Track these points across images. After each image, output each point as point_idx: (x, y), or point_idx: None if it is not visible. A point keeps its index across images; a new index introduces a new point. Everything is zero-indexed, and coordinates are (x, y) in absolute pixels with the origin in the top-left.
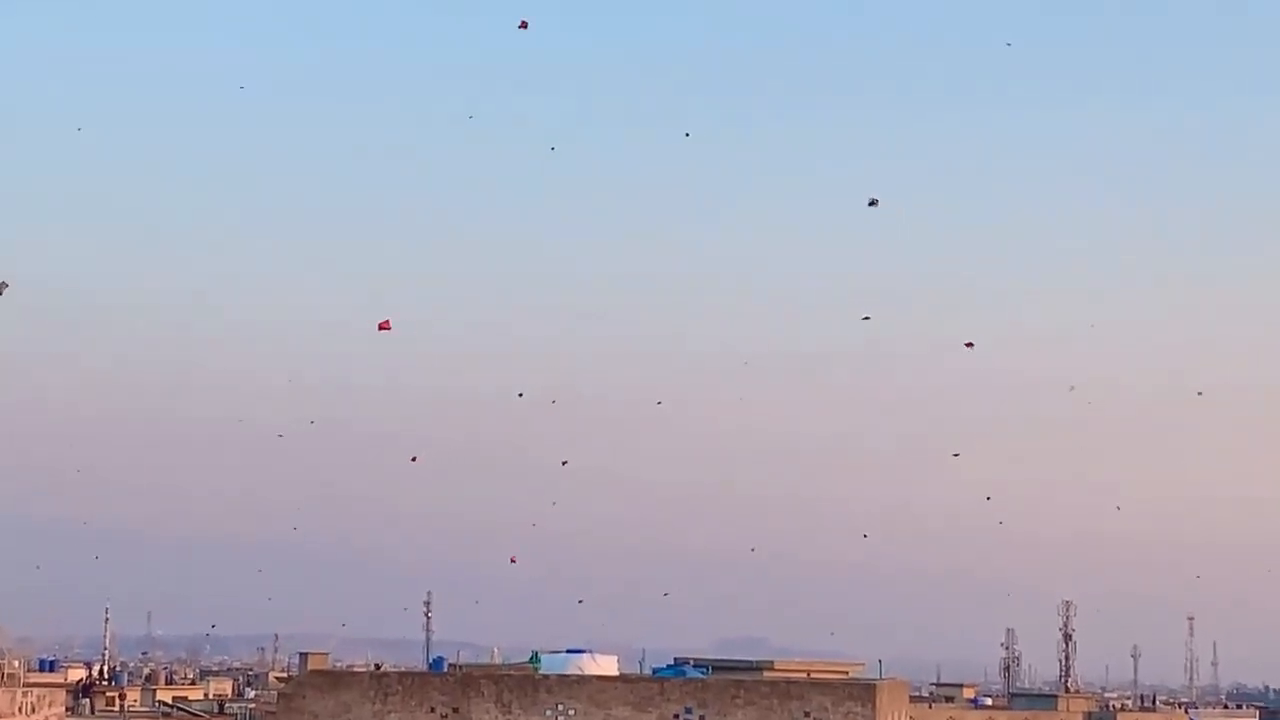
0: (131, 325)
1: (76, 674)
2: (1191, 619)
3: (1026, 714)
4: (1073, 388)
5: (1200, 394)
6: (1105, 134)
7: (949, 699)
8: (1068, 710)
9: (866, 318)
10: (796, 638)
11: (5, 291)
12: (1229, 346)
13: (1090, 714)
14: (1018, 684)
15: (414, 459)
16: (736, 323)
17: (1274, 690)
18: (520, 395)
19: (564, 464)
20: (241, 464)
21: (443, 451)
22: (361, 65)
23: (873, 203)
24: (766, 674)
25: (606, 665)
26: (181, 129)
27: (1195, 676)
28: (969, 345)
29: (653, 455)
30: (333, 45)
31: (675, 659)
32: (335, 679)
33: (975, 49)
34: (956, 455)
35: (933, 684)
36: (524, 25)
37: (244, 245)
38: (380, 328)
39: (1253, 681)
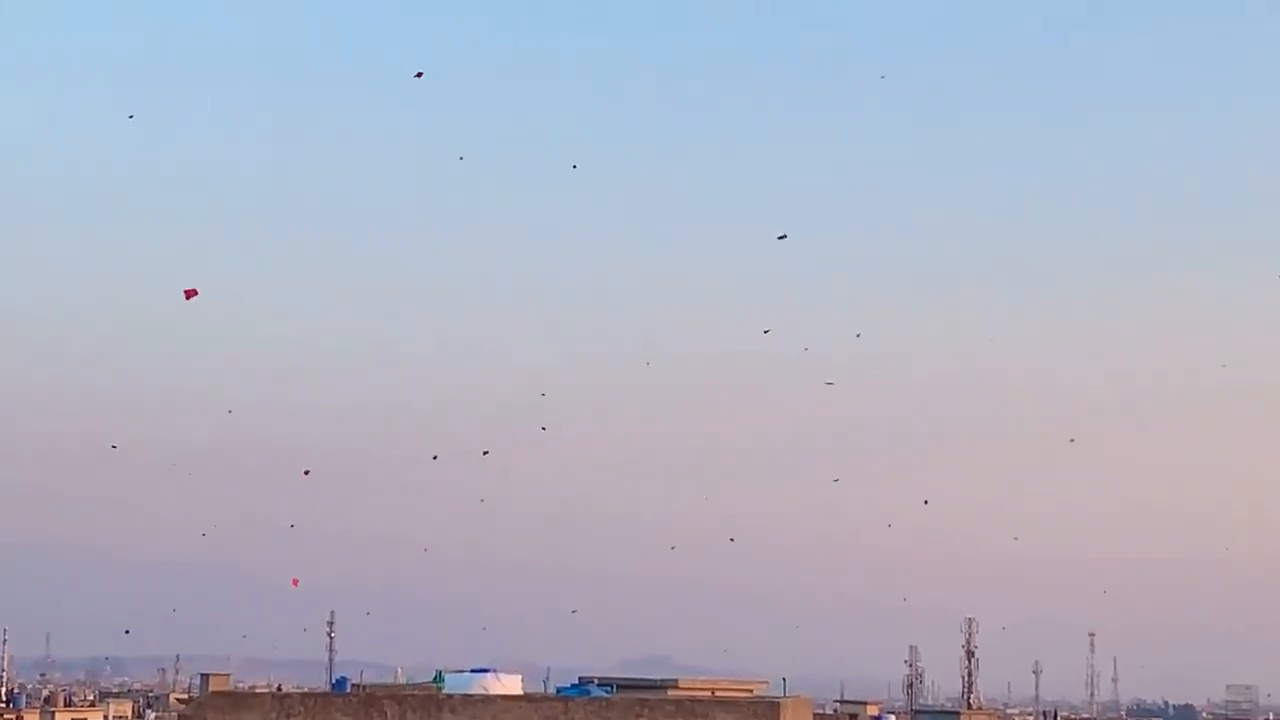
0: (22, 341)
1: None
2: (1093, 635)
3: None
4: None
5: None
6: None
7: (853, 716)
8: None
9: (767, 331)
10: (701, 656)
11: None
12: (1125, 367)
13: None
14: (921, 701)
15: (306, 472)
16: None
17: (1173, 706)
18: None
19: (485, 454)
20: (142, 485)
21: (344, 469)
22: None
23: (782, 237)
24: (671, 692)
25: (511, 685)
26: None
27: (1096, 692)
28: (829, 384)
29: (554, 475)
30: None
31: (579, 678)
32: (237, 700)
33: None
34: (837, 480)
35: (837, 701)
36: (419, 75)
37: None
38: (186, 295)
39: (1152, 697)
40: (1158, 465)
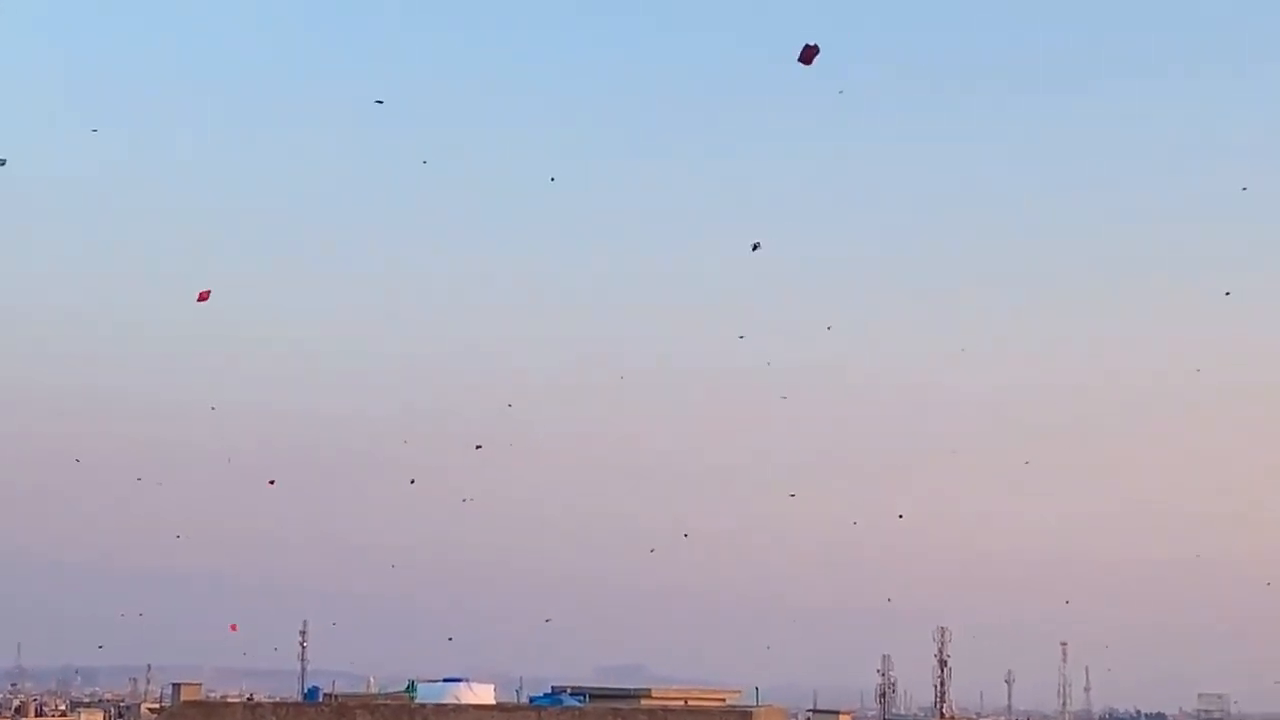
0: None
1: None
2: (1064, 644)
3: None
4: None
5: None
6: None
7: None
8: None
9: (742, 336)
10: (674, 665)
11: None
12: (1098, 375)
13: None
14: (894, 709)
15: (271, 482)
16: (612, 343)
17: (1145, 714)
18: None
19: (411, 482)
20: (113, 492)
21: (315, 477)
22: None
23: (755, 246)
24: (644, 702)
25: (483, 694)
26: None
27: (1068, 701)
28: (783, 396)
29: (527, 482)
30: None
31: (552, 687)
32: (208, 710)
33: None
34: (793, 495)
35: (810, 710)
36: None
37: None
38: (200, 298)
39: (1124, 706)
40: (1127, 474)
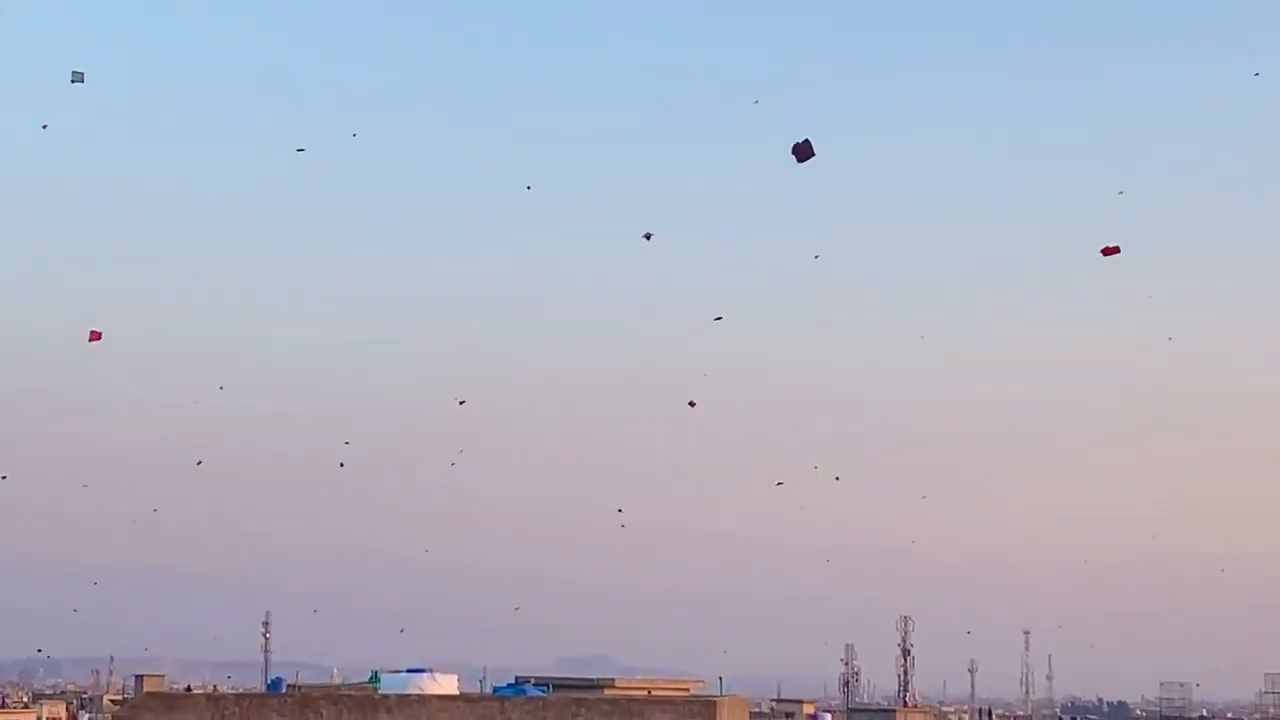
0: None
1: None
2: (1027, 633)
3: None
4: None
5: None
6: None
7: (789, 715)
8: None
9: (719, 318)
10: (638, 656)
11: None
12: (1060, 368)
13: None
14: (857, 699)
15: (199, 462)
16: (574, 341)
17: (1107, 703)
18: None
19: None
20: (75, 483)
21: (278, 471)
22: None
23: (647, 236)
24: (608, 692)
25: (447, 685)
26: None
27: (1031, 690)
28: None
29: (493, 474)
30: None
31: (516, 677)
32: (171, 701)
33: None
34: (780, 484)
35: (773, 700)
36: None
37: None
38: (91, 338)
39: (1087, 695)
40: (1087, 467)
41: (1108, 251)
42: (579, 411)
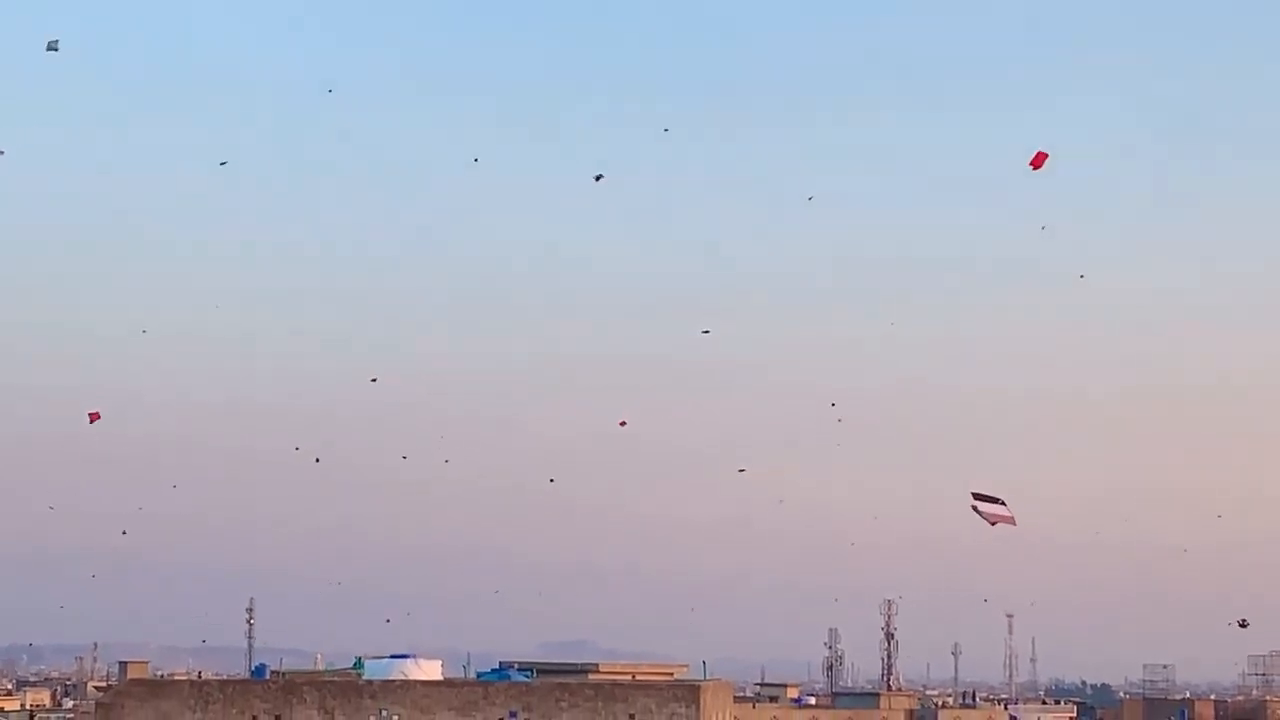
0: None
1: None
2: (1011, 616)
3: (850, 713)
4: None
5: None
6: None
7: (773, 699)
8: (890, 708)
9: (706, 331)
10: (622, 640)
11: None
12: (1041, 354)
13: (912, 711)
14: (841, 683)
15: (317, 459)
16: (559, 327)
17: (1091, 685)
18: (374, 380)
19: (446, 461)
20: (59, 472)
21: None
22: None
23: (705, 332)
24: (591, 676)
25: (430, 670)
26: None
27: (1015, 673)
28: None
29: (477, 461)
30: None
31: (500, 663)
32: (155, 688)
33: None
34: (742, 471)
35: (757, 684)
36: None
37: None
38: (91, 419)
39: (1070, 677)
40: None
41: (1036, 162)
42: (563, 396)
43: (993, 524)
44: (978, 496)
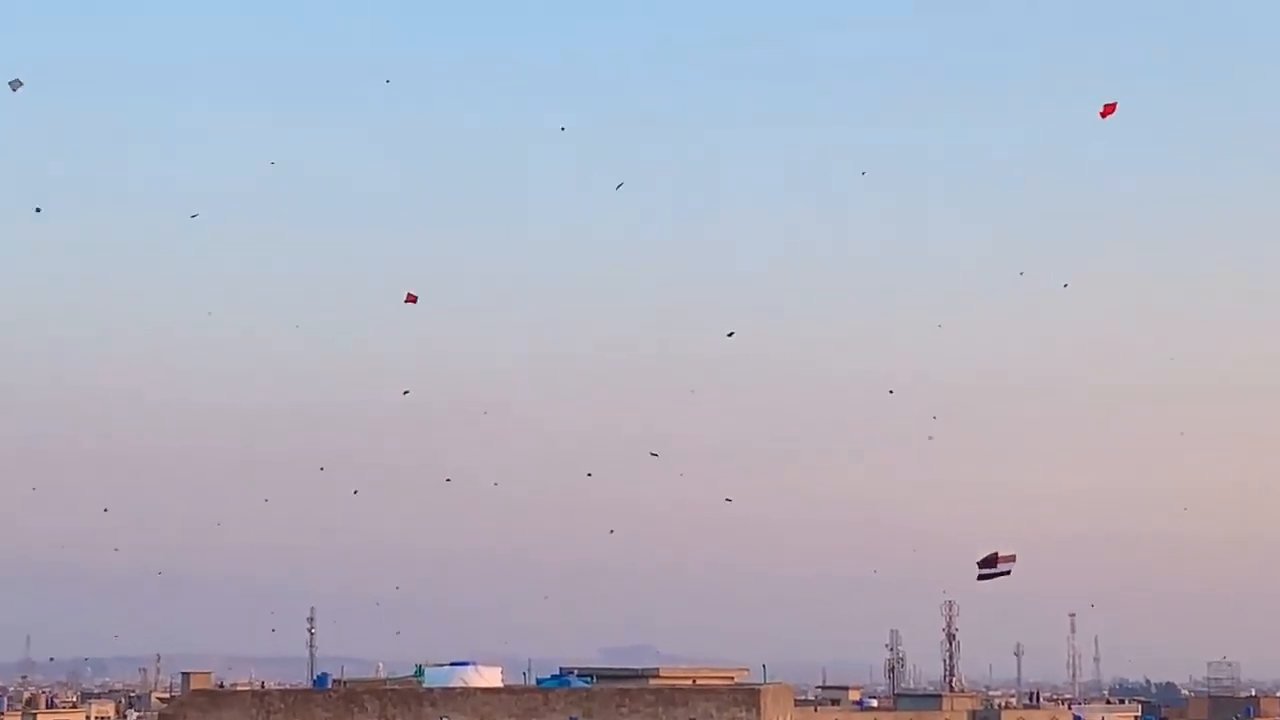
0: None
1: None
2: (1073, 616)
3: (912, 714)
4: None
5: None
6: None
7: (834, 701)
8: (952, 709)
9: (730, 334)
10: (682, 644)
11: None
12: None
13: (975, 712)
14: (903, 684)
15: (448, 479)
16: (604, 327)
17: (1155, 684)
18: (406, 392)
19: (495, 484)
20: (122, 486)
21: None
22: None
23: (730, 334)
24: (652, 681)
25: (490, 677)
26: None
27: (1078, 673)
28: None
29: (530, 466)
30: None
31: (560, 669)
32: (217, 698)
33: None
34: (729, 500)
35: (818, 687)
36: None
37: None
38: (407, 299)
39: (1134, 676)
40: (1132, 444)
41: (1106, 111)
42: (617, 401)
43: (1007, 573)
44: (981, 565)
